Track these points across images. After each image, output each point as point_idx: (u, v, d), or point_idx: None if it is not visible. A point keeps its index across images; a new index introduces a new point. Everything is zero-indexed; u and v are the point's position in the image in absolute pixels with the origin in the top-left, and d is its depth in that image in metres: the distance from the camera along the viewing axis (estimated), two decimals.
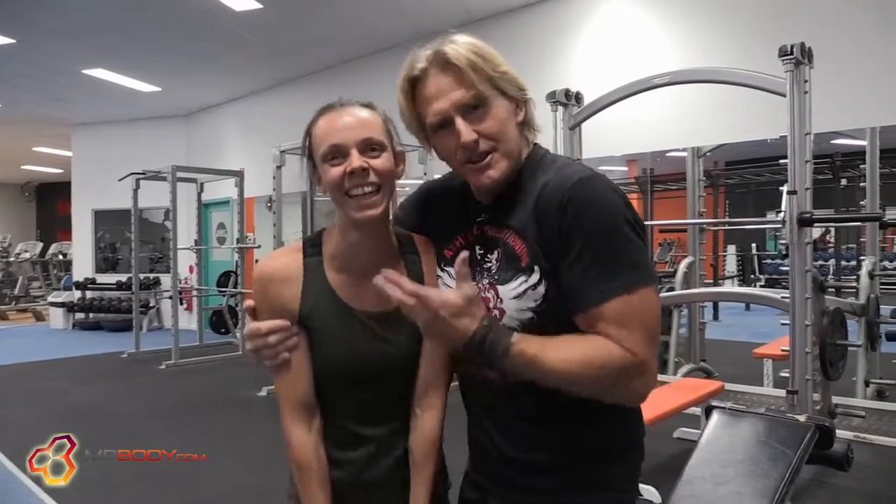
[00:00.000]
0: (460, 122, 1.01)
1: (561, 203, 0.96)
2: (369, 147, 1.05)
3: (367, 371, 1.10)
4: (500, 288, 1.03)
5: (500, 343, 0.93)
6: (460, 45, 1.01)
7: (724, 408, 1.64)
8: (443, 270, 1.14)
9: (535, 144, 1.11)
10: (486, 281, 1.06)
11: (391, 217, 1.16)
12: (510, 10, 5.86)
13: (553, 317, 0.99)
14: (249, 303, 1.12)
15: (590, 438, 1.04)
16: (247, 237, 8.26)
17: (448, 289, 1.09)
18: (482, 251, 1.09)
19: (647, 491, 3.09)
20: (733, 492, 1.44)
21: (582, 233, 0.94)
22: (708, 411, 1.65)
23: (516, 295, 1.01)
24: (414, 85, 1.05)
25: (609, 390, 0.97)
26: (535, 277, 0.99)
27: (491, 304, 1.04)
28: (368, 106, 1.10)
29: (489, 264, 1.07)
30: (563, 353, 0.93)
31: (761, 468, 1.46)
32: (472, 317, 0.92)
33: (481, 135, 1.01)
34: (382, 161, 1.06)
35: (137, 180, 7.63)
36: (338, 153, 1.05)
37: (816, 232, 5.90)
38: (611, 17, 5.40)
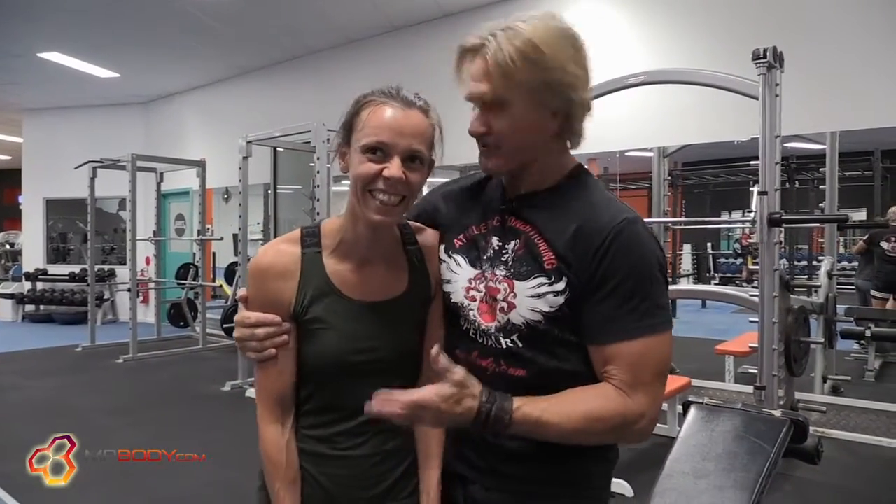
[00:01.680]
0: (474, 113, 1.05)
1: (604, 240, 0.99)
2: (412, 158, 1.05)
3: (366, 361, 1.09)
4: (517, 283, 1.05)
5: (504, 411, 0.95)
6: (510, 41, 0.99)
7: (701, 403, 1.67)
8: (449, 257, 1.15)
9: (579, 164, 1.13)
10: (501, 272, 1.07)
11: None
12: (483, 6, 5.83)
13: (558, 327, 1.03)
14: (243, 293, 1.12)
15: None
16: (207, 228, 8.09)
17: (454, 275, 1.12)
18: (500, 243, 1.10)
19: (619, 484, 3.14)
20: (714, 485, 1.46)
21: (621, 271, 0.99)
22: (685, 406, 1.68)
23: (535, 294, 1.03)
24: (463, 56, 1.06)
25: (614, 438, 1.07)
26: (560, 286, 1.02)
27: (500, 296, 1.06)
28: (428, 111, 1.08)
29: (506, 256, 1.08)
30: (566, 410, 0.97)
31: (741, 462, 1.48)
32: (471, 396, 0.95)
33: (490, 131, 1.04)
34: (418, 176, 1.06)
35: (94, 169, 7.41)
36: (381, 150, 1.03)
37: None
38: (582, 16, 5.43)
